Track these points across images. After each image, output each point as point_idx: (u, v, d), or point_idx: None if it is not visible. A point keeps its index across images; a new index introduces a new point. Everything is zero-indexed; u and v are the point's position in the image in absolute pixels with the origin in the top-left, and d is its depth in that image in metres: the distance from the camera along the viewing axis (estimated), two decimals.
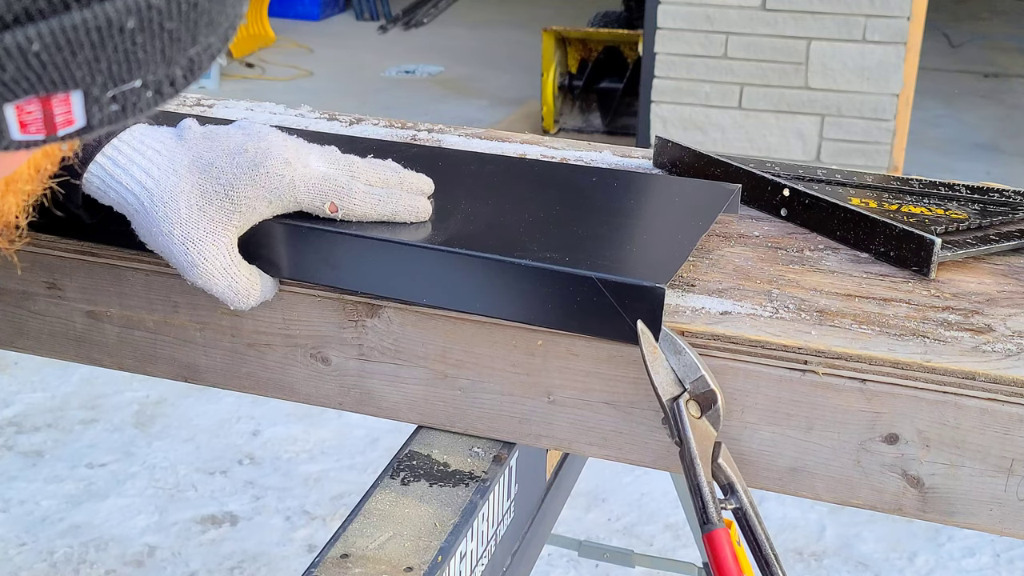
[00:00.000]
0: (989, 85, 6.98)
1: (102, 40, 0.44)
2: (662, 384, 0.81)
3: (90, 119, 0.46)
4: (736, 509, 0.79)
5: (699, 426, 0.81)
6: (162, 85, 0.48)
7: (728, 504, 0.80)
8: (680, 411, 0.80)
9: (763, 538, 0.78)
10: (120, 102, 0.47)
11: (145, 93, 0.47)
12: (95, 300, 1.02)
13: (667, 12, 4.70)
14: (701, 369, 0.81)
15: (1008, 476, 0.81)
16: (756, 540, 0.78)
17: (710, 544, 0.76)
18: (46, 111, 0.45)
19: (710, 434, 0.81)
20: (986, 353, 0.82)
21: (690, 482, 0.79)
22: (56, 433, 2.99)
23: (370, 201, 0.89)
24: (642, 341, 0.82)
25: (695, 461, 0.79)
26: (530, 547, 1.04)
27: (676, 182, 1.10)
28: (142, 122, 0.90)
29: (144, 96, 0.47)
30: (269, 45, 7.62)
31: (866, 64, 4.57)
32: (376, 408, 0.97)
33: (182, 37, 0.46)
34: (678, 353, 0.82)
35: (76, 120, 0.46)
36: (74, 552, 2.54)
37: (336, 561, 0.81)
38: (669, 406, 0.81)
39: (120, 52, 0.45)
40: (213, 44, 0.49)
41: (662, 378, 0.82)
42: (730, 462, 0.81)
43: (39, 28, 0.42)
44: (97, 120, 0.47)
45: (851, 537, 2.66)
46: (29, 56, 0.43)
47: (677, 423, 0.80)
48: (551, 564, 2.53)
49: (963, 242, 0.98)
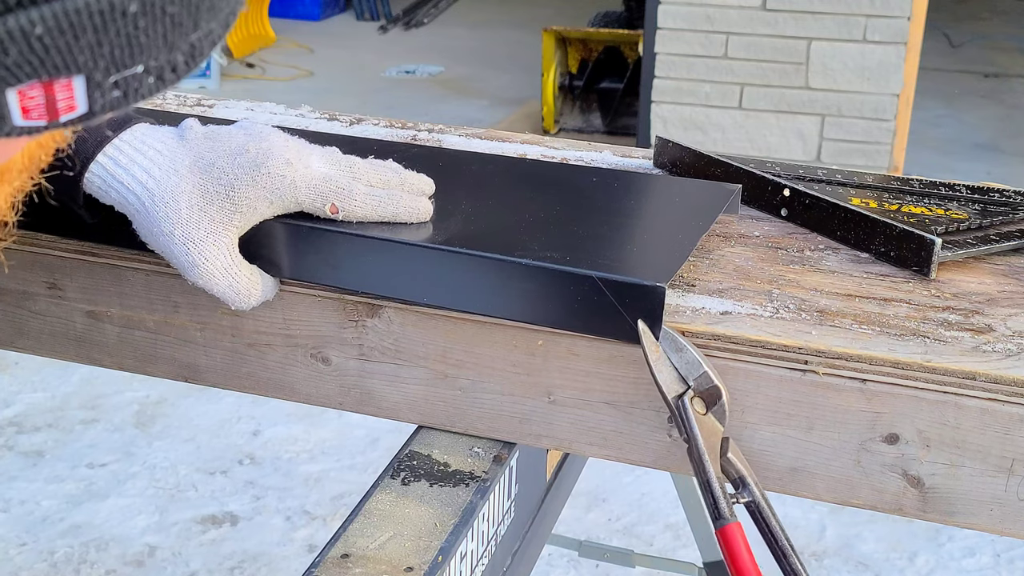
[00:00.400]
0: (989, 85, 6.98)
1: (105, 24, 0.44)
2: (666, 382, 0.81)
3: (92, 105, 0.46)
4: (749, 503, 0.79)
5: (705, 422, 0.80)
6: (164, 71, 0.48)
7: (740, 498, 0.79)
8: (686, 408, 0.80)
9: (778, 530, 0.77)
10: (122, 88, 0.46)
11: (147, 79, 0.47)
12: (95, 300, 1.02)
13: (667, 12, 4.70)
14: (704, 366, 0.81)
15: (1008, 476, 0.81)
16: (771, 532, 0.78)
17: (724, 539, 0.75)
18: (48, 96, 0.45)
19: (717, 430, 0.81)
20: (986, 353, 0.82)
21: (700, 479, 0.78)
22: (56, 433, 2.99)
23: (371, 202, 0.89)
24: (644, 340, 0.82)
25: (704, 458, 0.78)
26: (530, 547, 1.04)
27: (676, 182, 1.10)
28: (144, 122, 0.90)
29: (146, 82, 0.47)
30: (269, 45, 7.62)
31: (866, 64, 4.57)
32: (376, 408, 0.97)
33: (184, 22, 0.46)
34: (680, 351, 0.82)
35: (78, 106, 0.46)
36: (74, 552, 2.54)
37: (336, 561, 0.81)
38: (674, 404, 0.81)
39: (123, 36, 0.45)
40: (214, 30, 0.49)
41: (665, 376, 0.82)
42: (739, 456, 0.81)
43: (42, 11, 0.42)
44: (99, 106, 0.46)
45: (851, 537, 2.66)
46: (32, 40, 0.42)
47: (683, 420, 0.80)
48: (551, 564, 2.53)
49: (963, 242, 0.98)
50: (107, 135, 0.88)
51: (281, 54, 7.44)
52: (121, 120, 0.89)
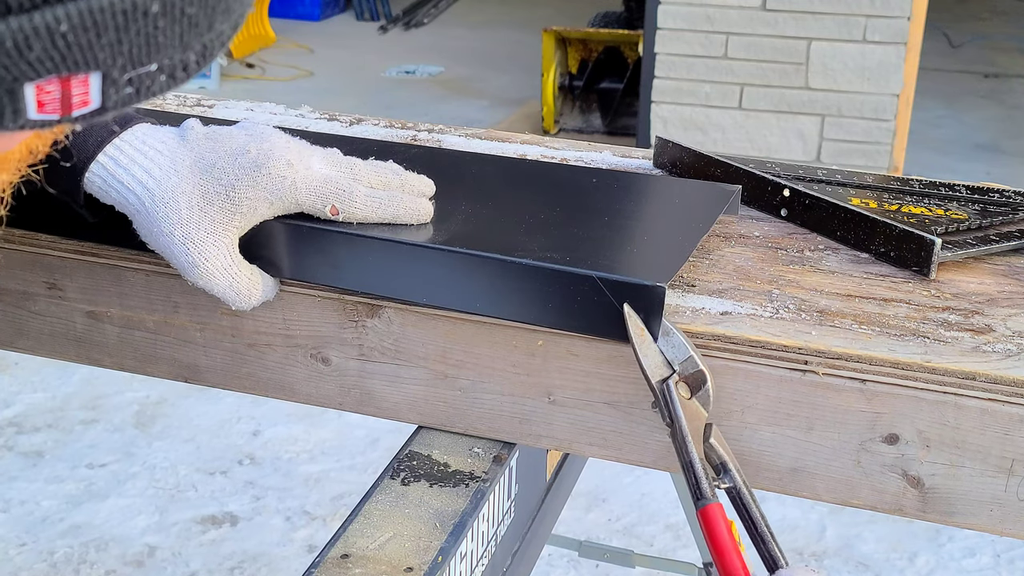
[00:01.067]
0: (989, 85, 6.98)
1: (127, 23, 0.45)
2: (651, 366, 0.81)
3: (105, 101, 0.47)
4: (730, 488, 0.79)
5: (689, 406, 0.80)
6: (176, 70, 0.49)
7: (721, 483, 0.79)
8: (670, 392, 0.80)
9: (758, 516, 0.77)
10: (135, 85, 0.47)
11: (159, 77, 0.48)
12: (95, 300, 1.02)
13: (667, 12, 4.70)
14: (690, 350, 0.81)
15: (1008, 476, 0.81)
16: (751, 519, 0.77)
17: (704, 519, 0.75)
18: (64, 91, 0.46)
19: (701, 415, 0.81)
20: (986, 353, 0.82)
21: (682, 459, 0.78)
22: (56, 433, 2.99)
23: (371, 204, 0.89)
24: (629, 324, 0.82)
25: (687, 439, 0.78)
26: (530, 547, 1.04)
27: (676, 183, 1.10)
28: (145, 121, 0.90)
29: (158, 80, 0.48)
30: (269, 45, 7.62)
31: (866, 64, 4.57)
32: (376, 408, 0.97)
33: (200, 23, 0.47)
34: (666, 335, 0.82)
35: (92, 101, 0.47)
36: (74, 552, 2.54)
37: (336, 561, 0.81)
38: (659, 387, 0.81)
39: (142, 35, 0.46)
40: (225, 31, 0.50)
41: (651, 360, 0.82)
42: (722, 442, 0.80)
43: (67, 9, 0.43)
44: (112, 102, 0.47)
45: (851, 537, 2.66)
46: (56, 36, 0.43)
47: (667, 403, 0.80)
48: (551, 564, 2.53)
49: (963, 242, 0.98)
50: (109, 133, 0.88)
51: (281, 54, 7.44)
52: (122, 120, 0.89)
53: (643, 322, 0.82)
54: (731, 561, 0.73)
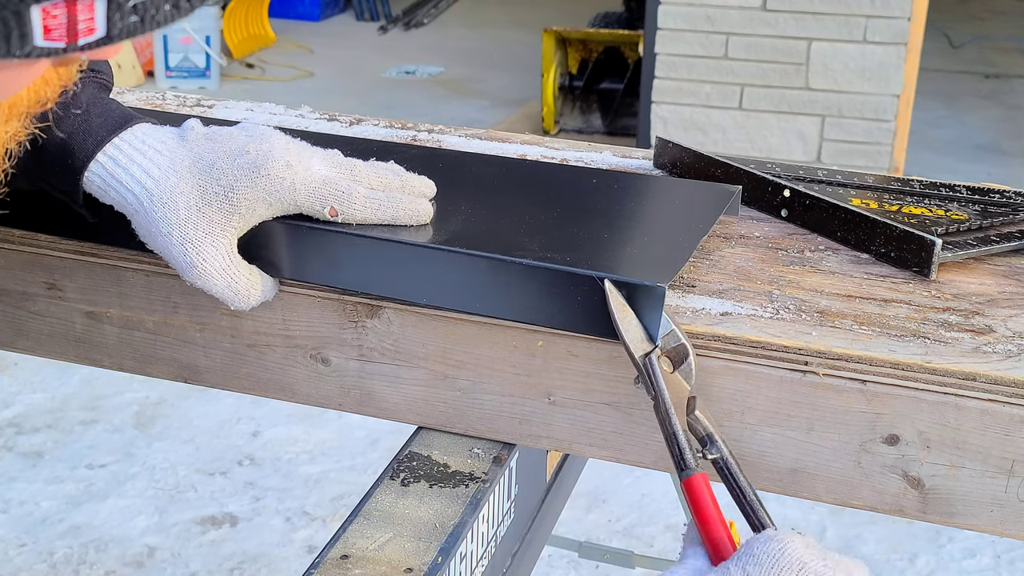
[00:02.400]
0: (990, 86, 6.98)
1: None
2: (633, 341, 0.81)
3: (111, 29, 0.47)
4: (716, 459, 0.79)
5: (672, 380, 0.80)
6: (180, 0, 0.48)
7: (708, 454, 0.79)
8: (652, 365, 0.80)
9: (745, 485, 0.77)
10: (140, 12, 0.47)
11: (164, 5, 0.48)
12: (95, 301, 1.02)
13: (667, 13, 4.70)
14: (671, 324, 0.81)
15: (1009, 477, 0.81)
16: (739, 487, 0.77)
17: (689, 489, 0.75)
18: (70, 16, 0.45)
19: (684, 388, 0.80)
20: (987, 354, 0.82)
21: (665, 431, 0.78)
22: (56, 434, 2.99)
23: (371, 205, 0.89)
24: (610, 299, 0.82)
25: (670, 410, 0.78)
26: (530, 548, 1.04)
27: (677, 183, 1.10)
28: (145, 121, 0.90)
29: (163, 8, 0.48)
30: (269, 46, 7.62)
31: (867, 65, 4.57)
32: (376, 409, 0.96)
33: None
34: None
35: (97, 28, 0.46)
36: (74, 553, 2.54)
37: (336, 562, 0.80)
38: (641, 361, 0.81)
39: None
40: None
41: (633, 335, 0.82)
42: (706, 414, 0.80)
43: None
44: (116, 31, 0.47)
45: (852, 538, 2.66)
46: None
47: (650, 376, 0.80)
48: (551, 565, 2.53)
49: (964, 243, 0.98)
50: (109, 133, 0.88)
51: (281, 54, 7.43)
52: (122, 120, 0.89)
53: (642, 322, 0.82)
54: (715, 530, 0.73)
